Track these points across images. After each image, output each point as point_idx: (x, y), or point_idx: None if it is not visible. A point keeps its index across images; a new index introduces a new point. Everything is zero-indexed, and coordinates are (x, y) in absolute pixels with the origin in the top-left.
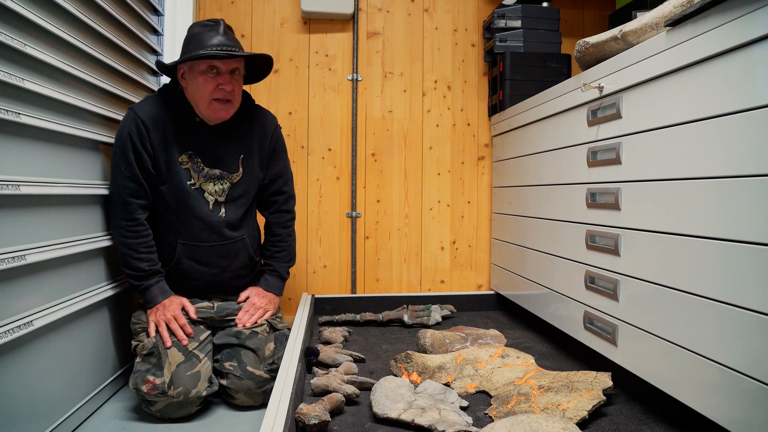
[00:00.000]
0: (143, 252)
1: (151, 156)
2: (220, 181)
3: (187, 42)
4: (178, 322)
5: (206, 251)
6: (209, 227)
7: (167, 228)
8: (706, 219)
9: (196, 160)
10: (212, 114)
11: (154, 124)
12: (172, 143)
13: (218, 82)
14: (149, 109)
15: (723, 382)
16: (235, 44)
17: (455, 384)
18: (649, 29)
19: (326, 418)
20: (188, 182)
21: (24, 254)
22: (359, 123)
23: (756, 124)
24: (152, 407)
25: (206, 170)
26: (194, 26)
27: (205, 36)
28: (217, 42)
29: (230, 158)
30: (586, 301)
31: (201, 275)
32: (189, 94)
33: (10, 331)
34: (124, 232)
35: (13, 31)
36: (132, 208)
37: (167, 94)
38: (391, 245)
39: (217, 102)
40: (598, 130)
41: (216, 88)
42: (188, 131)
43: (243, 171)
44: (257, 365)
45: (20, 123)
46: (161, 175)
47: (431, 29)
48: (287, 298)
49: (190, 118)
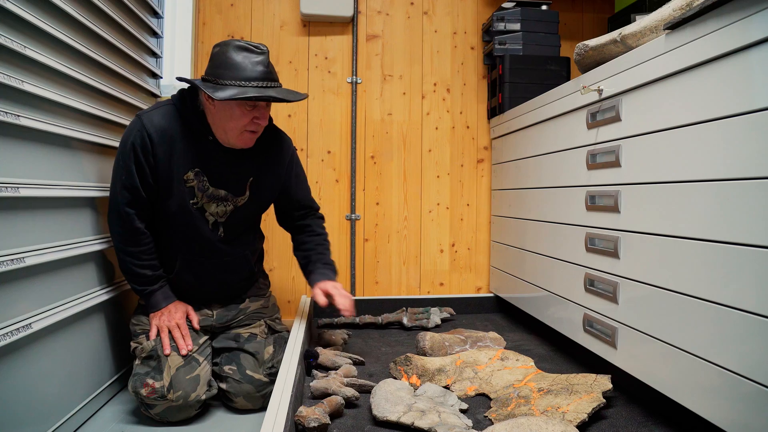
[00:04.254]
0: (145, 259)
1: (153, 170)
2: (223, 203)
3: (225, 66)
4: (181, 330)
5: (206, 267)
6: (208, 245)
7: (166, 242)
8: (705, 222)
9: (202, 178)
10: (240, 143)
11: (161, 138)
12: (178, 160)
13: (254, 115)
14: (158, 120)
15: (722, 384)
16: (275, 74)
17: (455, 387)
18: (649, 32)
19: (326, 421)
20: (191, 201)
21: (23, 257)
22: (358, 126)
23: (755, 127)
24: (151, 410)
25: (211, 190)
26: (232, 49)
27: (246, 64)
28: (260, 74)
29: (238, 181)
30: (585, 303)
31: (200, 287)
32: (213, 117)
33: (9, 334)
34: (124, 240)
35: (13, 34)
36: (130, 218)
37: (183, 107)
38: (391, 248)
39: (248, 133)
40: (597, 133)
41: (251, 121)
42: (198, 148)
43: (249, 195)
44: (256, 369)
45: (20, 125)
46: (162, 191)
47: (430, 32)
48: (286, 300)
49: (204, 136)
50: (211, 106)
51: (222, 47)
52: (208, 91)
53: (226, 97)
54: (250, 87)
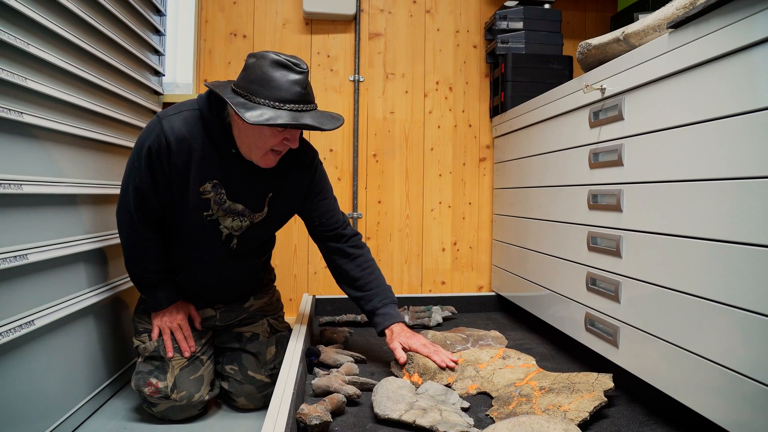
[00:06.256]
0: (151, 262)
1: (167, 178)
2: (239, 218)
3: (260, 82)
4: (183, 332)
5: (212, 275)
6: (218, 256)
7: (174, 248)
8: (707, 221)
9: (219, 191)
10: (263, 163)
11: (179, 146)
12: (195, 170)
13: (285, 137)
14: (179, 127)
15: (724, 384)
16: (311, 94)
17: (456, 385)
18: (652, 31)
19: (328, 418)
20: (205, 213)
21: (26, 253)
22: (361, 124)
23: (758, 126)
24: (154, 409)
25: (228, 204)
26: (269, 64)
27: (282, 83)
28: (296, 96)
29: (257, 196)
30: (587, 302)
31: (205, 290)
32: (240, 132)
33: (12, 330)
34: (131, 241)
35: (16, 31)
36: (138, 220)
37: (209, 116)
38: (392, 246)
39: (273, 152)
40: (599, 132)
41: (281, 142)
42: (219, 160)
43: (267, 211)
44: (258, 370)
45: (23, 122)
46: (174, 199)
47: (433, 30)
48: (288, 299)
49: (226, 149)
50: (239, 121)
51: (258, 59)
52: (239, 112)
53: (258, 122)
54: (284, 110)
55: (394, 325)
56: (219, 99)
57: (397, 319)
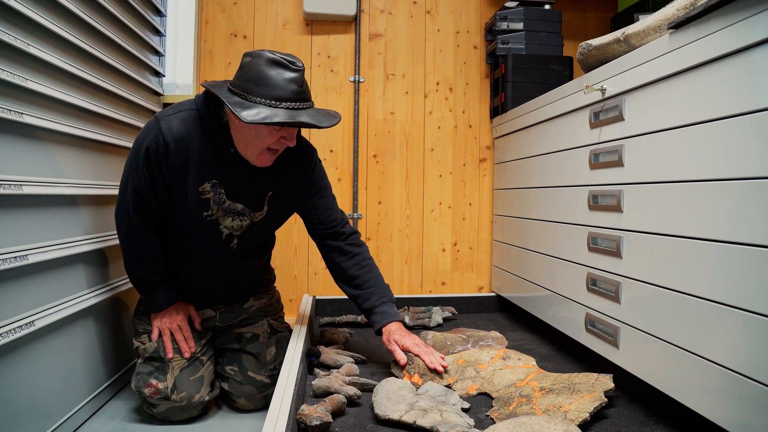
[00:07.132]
0: (150, 264)
1: (166, 178)
2: (239, 217)
3: (256, 81)
4: (183, 333)
5: (212, 275)
6: (218, 256)
7: (173, 248)
8: (708, 221)
9: (219, 191)
10: (259, 162)
11: (178, 146)
12: (194, 170)
13: (282, 135)
14: (177, 127)
15: (725, 384)
16: (308, 92)
17: (456, 386)
18: (652, 32)
19: (328, 419)
20: (204, 213)
21: (26, 254)
22: (361, 124)
23: (758, 127)
24: (154, 409)
25: (228, 203)
26: (264, 62)
27: (278, 81)
28: (292, 94)
29: (257, 195)
30: (587, 303)
31: (205, 290)
32: (237, 131)
33: (12, 331)
34: (130, 242)
35: (16, 31)
36: (136, 220)
37: (206, 116)
38: (393, 247)
39: (269, 151)
40: (600, 133)
41: (278, 140)
42: (217, 160)
43: (267, 210)
44: (258, 370)
45: (23, 123)
46: (173, 200)
47: (433, 31)
48: (288, 299)
49: (225, 148)
50: (236, 120)
51: (254, 58)
52: (236, 111)
53: (254, 121)
54: (281, 108)
55: (390, 324)
56: (216, 99)
57: (393, 318)
